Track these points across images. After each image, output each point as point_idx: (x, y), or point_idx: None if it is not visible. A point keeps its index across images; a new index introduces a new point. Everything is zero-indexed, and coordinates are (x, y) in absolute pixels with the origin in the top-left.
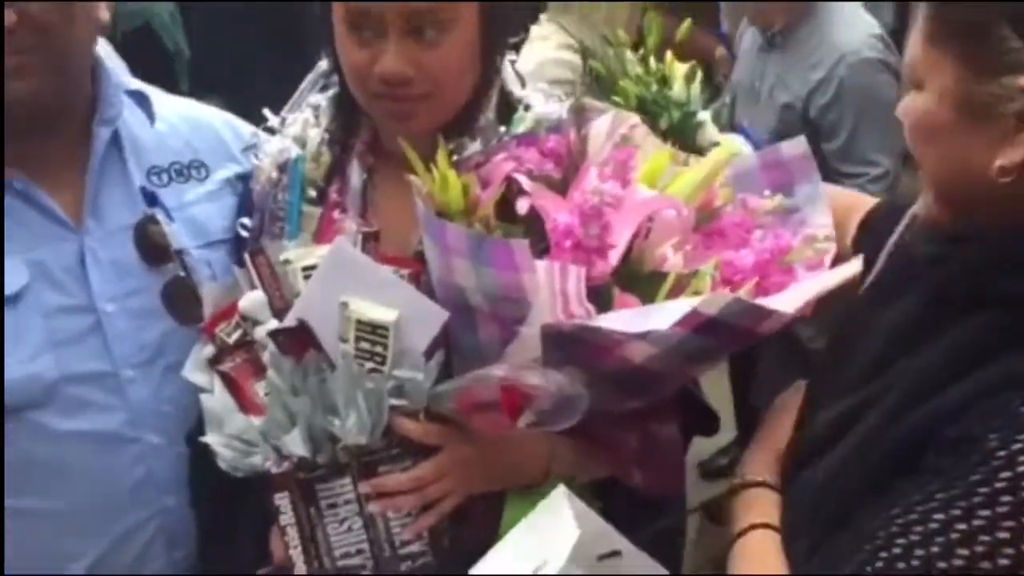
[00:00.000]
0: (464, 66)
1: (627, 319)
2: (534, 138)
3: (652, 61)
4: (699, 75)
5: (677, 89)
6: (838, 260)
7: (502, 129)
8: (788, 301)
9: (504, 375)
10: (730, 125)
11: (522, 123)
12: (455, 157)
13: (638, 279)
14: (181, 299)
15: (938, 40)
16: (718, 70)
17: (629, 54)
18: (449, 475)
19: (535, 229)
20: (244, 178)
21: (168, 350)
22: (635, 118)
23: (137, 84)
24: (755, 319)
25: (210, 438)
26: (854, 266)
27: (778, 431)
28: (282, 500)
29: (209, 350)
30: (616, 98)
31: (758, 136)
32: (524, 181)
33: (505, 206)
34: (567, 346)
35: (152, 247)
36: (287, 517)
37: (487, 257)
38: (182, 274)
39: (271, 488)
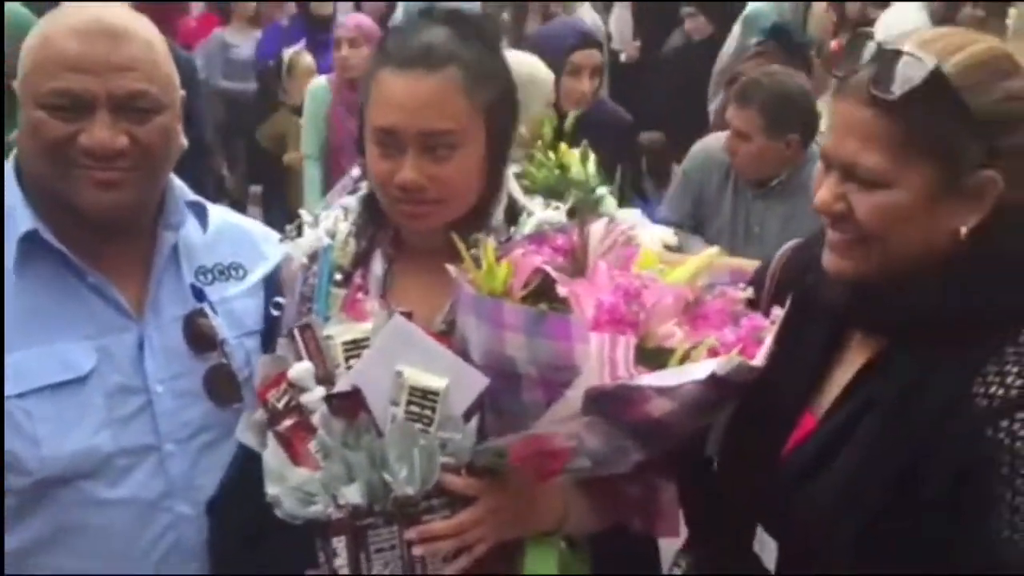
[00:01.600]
0: (471, 177)
1: (662, 377)
2: (543, 237)
3: (549, 153)
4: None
5: (575, 171)
6: None
7: (512, 229)
8: (758, 360)
9: (564, 431)
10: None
11: (526, 225)
12: (472, 251)
13: (645, 354)
14: (220, 384)
15: (908, 150)
16: None
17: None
18: (484, 523)
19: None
20: (269, 278)
21: (206, 429)
22: (627, 224)
23: (193, 196)
24: (748, 376)
25: (271, 490)
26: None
27: None
28: (339, 543)
29: (260, 414)
30: (525, 182)
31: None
32: (552, 272)
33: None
34: (605, 403)
35: (198, 336)
36: (341, 560)
37: (544, 331)
38: (224, 361)
39: (330, 532)
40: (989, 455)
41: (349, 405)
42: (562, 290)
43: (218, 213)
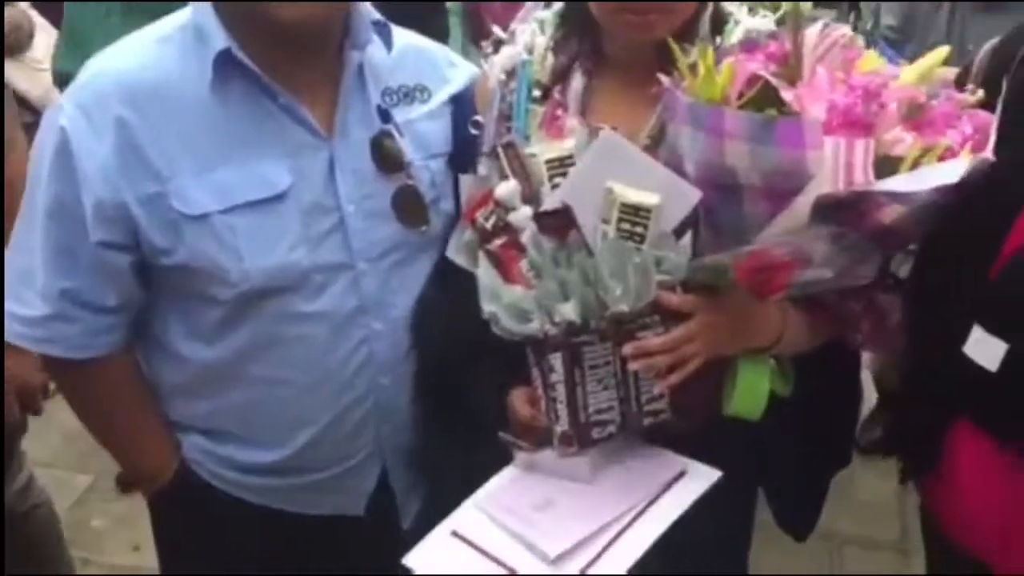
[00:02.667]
0: None
1: (903, 182)
2: (755, 44)
3: None
4: None
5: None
6: None
7: (717, 39)
8: (989, 151)
9: (790, 243)
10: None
11: (732, 35)
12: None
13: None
14: (408, 204)
15: None
16: None
17: None
18: (699, 338)
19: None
20: (456, 99)
21: (395, 248)
22: (844, 28)
23: (378, 16)
24: (983, 171)
25: (487, 307)
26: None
27: None
28: (555, 360)
29: (469, 234)
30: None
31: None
32: (771, 79)
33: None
34: (835, 212)
35: (386, 158)
36: (558, 375)
37: (773, 137)
38: (411, 183)
39: (546, 349)
40: None
41: (559, 223)
42: (787, 94)
43: (403, 35)
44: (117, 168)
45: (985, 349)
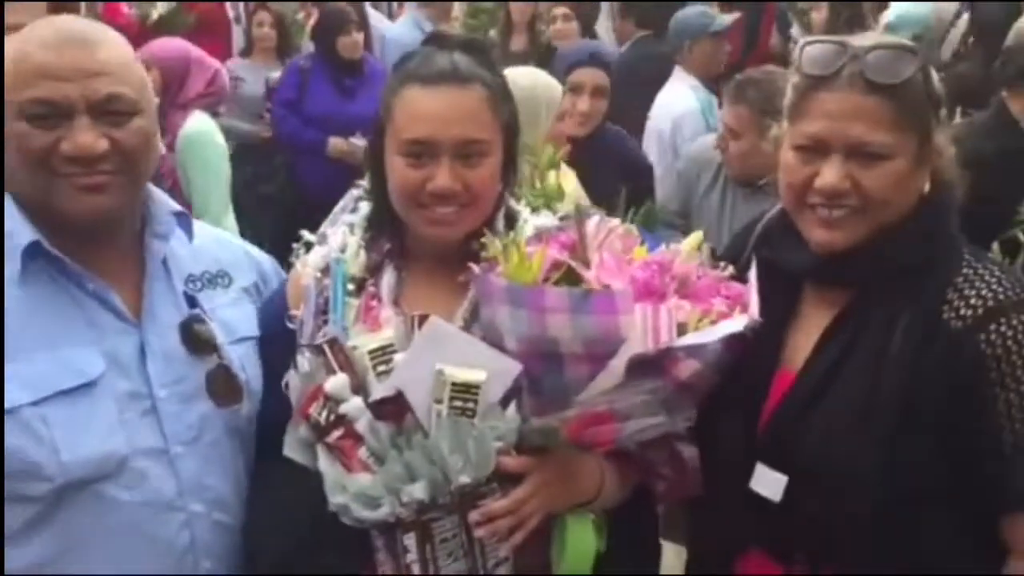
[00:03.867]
0: (494, 184)
1: (696, 336)
2: (549, 236)
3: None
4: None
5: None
6: None
7: (511, 234)
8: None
9: (609, 401)
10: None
11: (523, 230)
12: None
13: None
14: (221, 384)
15: (904, 125)
16: None
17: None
18: (537, 496)
19: None
20: (257, 287)
21: (208, 429)
22: (615, 221)
23: (177, 206)
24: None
25: (335, 499)
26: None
27: None
28: (409, 540)
29: (304, 430)
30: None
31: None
32: (573, 263)
33: None
34: (645, 369)
35: (196, 341)
36: (412, 555)
37: (590, 307)
38: (224, 363)
39: (400, 532)
40: (976, 364)
41: (394, 409)
42: (589, 274)
43: (201, 225)
44: None
45: (768, 483)
